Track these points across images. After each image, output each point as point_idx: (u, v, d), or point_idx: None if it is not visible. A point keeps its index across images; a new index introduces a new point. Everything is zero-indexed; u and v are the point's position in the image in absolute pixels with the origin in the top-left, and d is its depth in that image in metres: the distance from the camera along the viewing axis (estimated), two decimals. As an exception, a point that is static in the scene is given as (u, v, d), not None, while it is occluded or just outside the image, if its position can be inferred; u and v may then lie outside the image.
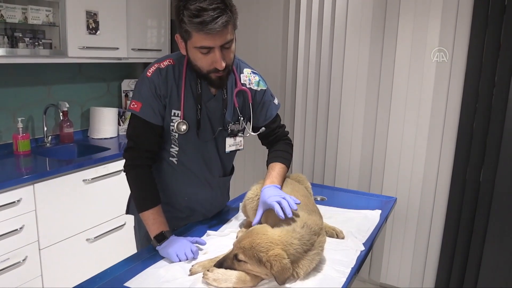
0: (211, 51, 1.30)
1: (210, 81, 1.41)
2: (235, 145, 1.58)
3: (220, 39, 1.27)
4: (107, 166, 2.59)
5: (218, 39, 1.27)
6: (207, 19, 1.22)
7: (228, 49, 1.33)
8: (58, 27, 2.54)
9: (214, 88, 1.47)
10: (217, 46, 1.29)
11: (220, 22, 1.23)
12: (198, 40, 1.28)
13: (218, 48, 1.29)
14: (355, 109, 2.84)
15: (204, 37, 1.26)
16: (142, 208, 1.45)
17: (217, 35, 1.25)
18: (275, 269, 1.13)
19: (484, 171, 2.50)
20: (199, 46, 1.29)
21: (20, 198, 2.13)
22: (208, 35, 1.25)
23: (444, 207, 2.65)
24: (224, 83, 1.44)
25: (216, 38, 1.27)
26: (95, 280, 1.23)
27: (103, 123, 3.11)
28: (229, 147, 1.56)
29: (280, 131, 1.69)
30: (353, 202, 1.98)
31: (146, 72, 1.43)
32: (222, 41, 1.28)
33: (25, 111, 2.75)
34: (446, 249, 2.67)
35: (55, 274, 2.36)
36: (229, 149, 1.57)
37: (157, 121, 1.44)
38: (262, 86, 1.60)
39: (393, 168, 2.77)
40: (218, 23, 1.23)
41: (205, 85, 1.45)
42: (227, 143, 1.55)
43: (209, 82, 1.42)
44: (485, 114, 2.44)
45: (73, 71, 3.04)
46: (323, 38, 2.87)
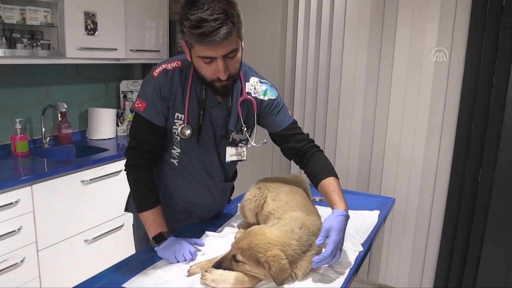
0: (213, 60, 1.27)
1: (215, 89, 1.39)
2: (236, 155, 1.53)
3: (222, 49, 1.24)
4: (105, 167, 2.59)
5: (220, 50, 1.24)
6: (207, 31, 1.18)
7: (232, 58, 1.30)
8: (56, 28, 2.54)
9: (218, 95, 1.44)
10: (220, 56, 1.26)
11: (221, 33, 1.19)
12: (200, 50, 1.26)
13: (220, 58, 1.26)
14: (353, 110, 2.84)
15: (206, 48, 1.23)
16: (142, 208, 1.44)
17: (218, 45, 1.22)
18: (274, 270, 1.13)
19: (482, 172, 2.50)
20: (201, 56, 1.27)
21: (18, 199, 2.12)
22: (209, 46, 1.22)
23: (442, 208, 2.65)
24: (228, 91, 1.42)
25: (217, 49, 1.24)
26: (93, 281, 1.23)
27: (102, 124, 3.10)
28: (230, 156, 1.52)
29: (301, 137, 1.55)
30: (352, 202, 1.96)
31: (153, 71, 1.41)
32: (224, 51, 1.25)
33: (23, 112, 2.74)
34: (444, 250, 2.67)
35: (53, 275, 2.36)
36: (230, 159, 1.53)
37: (160, 122, 1.43)
38: (270, 96, 1.52)
39: (391, 169, 2.77)
40: (219, 35, 1.19)
41: (210, 92, 1.43)
42: (227, 152, 1.52)
43: (214, 90, 1.40)
44: (483, 115, 2.44)
45: (71, 72, 3.03)
46: (322, 39, 2.87)
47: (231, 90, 1.43)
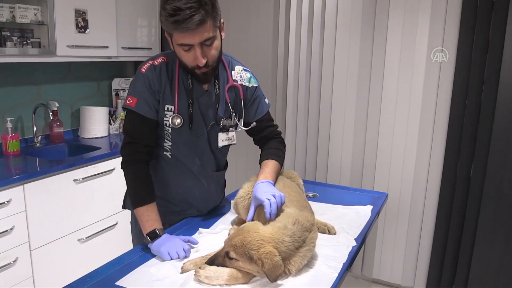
0: (192, 48, 1.35)
1: (196, 77, 1.46)
2: (227, 140, 1.60)
3: (198, 36, 1.31)
4: (98, 165, 2.57)
5: (196, 37, 1.31)
6: (181, 18, 1.25)
7: (209, 46, 1.36)
8: (46, 25, 2.51)
9: (200, 83, 1.50)
10: (196, 44, 1.33)
11: (194, 20, 1.26)
12: (177, 38, 1.33)
13: (198, 45, 1.33)
14: (346, 106, 2.84)
15: (182, 35, 1.31)
16: (137, 203, 1.46)
17: (194, 33, 1.29)
18: (267, 267, 1.13)
19: (474, 166, 2.52)
20: (180, 43, 1.34)
21: (10, 199, 2.11)
22: (185, 33, 1.30)
23: (435, 203, 2.67)
24: (208, 78, 1.48)
25: (193, 36, 1.30)
26: (86, 279, 1.22)
27: (94, 123, 3.08)
28: (222, 142, 1.59)
29: (271, 129, 1.71)
30: (345, 198, 1.99)
31: (141, 68, 1.48)
32: (200, 38, 1.32)
33: (14, 111, 2.72)
34: (437, 244, 2.69)
35: (47, 275, 2.35)
36: (222, 144, 1.59)
37: (153, 116, 1.48)
38: (254, 83, 1.63)
39: (384, 164, 2.79)
40: (192, 22, 1.26)
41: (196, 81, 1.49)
42: (219, 138, 1.58)
43: (195, 77, 1.47)
44: (474, 110, 2.46)
45: (62, 71, 3.01)
46: (314, 35, 2.87)
47: (211, 77, 1.49)
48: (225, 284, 1.18)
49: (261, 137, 1.70)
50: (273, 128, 1.72)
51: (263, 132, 1.68)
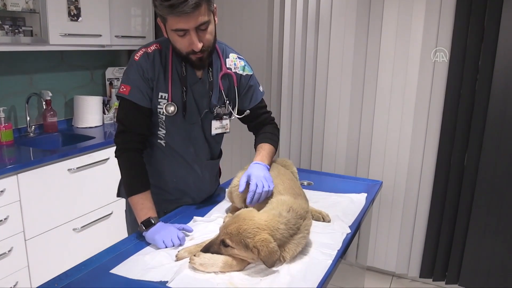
0: (187, 33, 1.33)
1: (191, 63, 1.45)
2: (221, 128, 1.60)
3: (193, 21, 1.29)
4: (92, 155, 2.56)
5: (192, 21, 1.29)
6: (176, 2, 1.24)
7: (204, 30, 1.35)
8: (38, 14, 2.48)
9: (196, 70, 1.49)
10: (192, 28, 1.31)
11: (189, 3, 1.24)
12: (172, 23, 1.31)
13: (193, 30, 1.32)
14: (341, 95, 2.84)
15: (177, 20, 1.29)
16: (131, 192, 1.45)
17: (189, 17, 1.28)
18: (263, 254, 1.14)
19: (468, 155, 2.54)
20: (174, 28, 1.33)
21: (4, 189, 2.10)
22: (180, 18, 1.28)
23: (429, 191, 2.68)
24: (204, 64, 1.47)
25: (189, 20, 1.29)
26: (80, 268, 1.22)
27: (88, 112, 3.06)
28: (215, 129, 1.59)
29: (266, 116, 1.72)
30: (340, 186, 1.99)
31: (134, 56, 1.47)
32: (195, 23, 1.30)
33: (7, 100, 2.69)
34: (431, 232, 2.71)
35: (42, 264, 2.35)
36: (215, 132, 1.59)
37: (146, 104, 1.47)
38: (248, 71, 1.63)
39: (379, 152, 2.79)
40: (187, 5, 1.24)
41: (190, 68, 1.48)
42: (213, 126, 1.58)
43: (190, 63, 1.45)
44: (469, 99, 2.47)
45: (55, 59, 2.98)
46: (308, 23, 2.85)
47: (206, 62, 1.47)
48: (220, 271, 1.18)
49: (256, 123, 1.71)
50: (267, 114, 1.73)
51: (257, 119, 1.70)
